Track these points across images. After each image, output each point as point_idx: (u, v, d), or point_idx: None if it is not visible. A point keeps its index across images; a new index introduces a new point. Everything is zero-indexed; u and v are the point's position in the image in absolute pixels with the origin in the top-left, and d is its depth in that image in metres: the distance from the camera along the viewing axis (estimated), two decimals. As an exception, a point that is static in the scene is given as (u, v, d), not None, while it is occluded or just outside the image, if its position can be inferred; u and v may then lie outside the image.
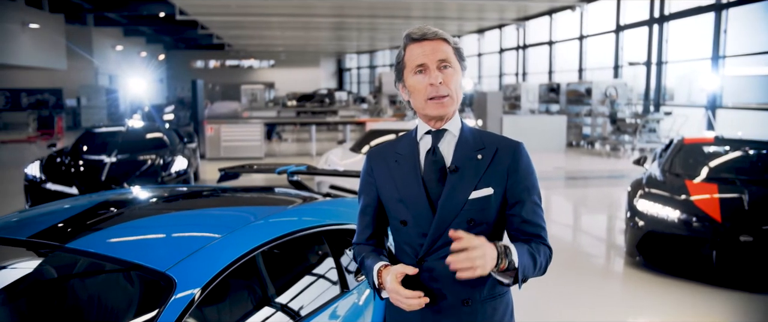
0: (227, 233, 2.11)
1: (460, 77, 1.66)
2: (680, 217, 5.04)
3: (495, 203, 1.65)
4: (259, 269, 2.23)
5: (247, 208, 2.68)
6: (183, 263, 1.85)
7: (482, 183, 1.63)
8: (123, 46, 31.49)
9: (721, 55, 12.83)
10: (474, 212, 1.62)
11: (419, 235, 1.65)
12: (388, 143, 1.78)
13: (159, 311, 1.68)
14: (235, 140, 13.58)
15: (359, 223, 1.81)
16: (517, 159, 1.67)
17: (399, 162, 1.70)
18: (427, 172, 1.66)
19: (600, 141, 15.06)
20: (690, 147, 6.23)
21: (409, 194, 1.66)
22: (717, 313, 4.53)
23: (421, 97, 1.63)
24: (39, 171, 7.19)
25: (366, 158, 1.79)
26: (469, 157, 1.65)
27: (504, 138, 1.71)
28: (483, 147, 1.67)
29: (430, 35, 1.63)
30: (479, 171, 1.64)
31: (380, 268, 1.65)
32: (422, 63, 1.62)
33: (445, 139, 1.68)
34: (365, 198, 1.78)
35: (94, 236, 2.09)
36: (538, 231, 1.67)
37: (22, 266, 2.10)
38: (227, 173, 4.24)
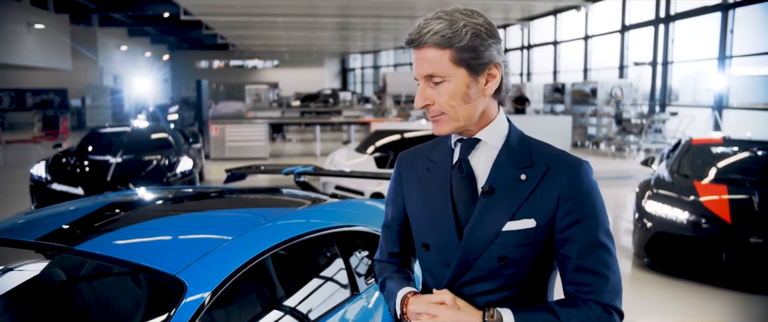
0: (237, 235, 2.09)
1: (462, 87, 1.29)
2: (689, 218, 5.00)
3: (539, 240, 1.29)
4: (268, 272, 2.21)
5: (257, 210, 2.65)
6: (193, 266, 1.83)
7: (523, 212, 1.28)
8: (127, 47, 31.56)
9: (727, 55, 12.77)
10: (508, 248, 1.28)
11: (442, 263, 1.35)
12: (423, 146, 1.48)
13: (169, 315, 1.66)
14: (240, 140, 13.59)
15: (383, 238, 1.55)
16: (577, 183, 1.29)
17: (430, 171, 1.40)
18: (456, 189, 1.34)
19: (605, 141, 15.01)
20: (698, 148, 6.19)
21: (434, 212, 1.36)
22: (726, 315, 4.50)
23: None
24: (44, 171, 7.19)
25: (396, 163, 1.51)
26: (510, 177, 1.31)
27: (562, 153, 1.34)
28: (530, 164, 1.31)
29: (416, 42, 1.29)
30: (520, 196, 1.29)
31: (407, 294, 1.37)
32: (416, 77, 1.33)
33: (481, 150, 1.35)
34: (391, 209, 1.51)
35: (102, 239, 2.07)
36: (593, 282, 1.27)
37: (31, 268, 2.08)
38: (234, 174, 4.23)
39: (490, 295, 1.31)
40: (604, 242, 1.29)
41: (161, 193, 2.98)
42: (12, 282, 2.03)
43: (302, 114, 21.24)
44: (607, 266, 1.29)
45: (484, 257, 1.29)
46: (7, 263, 2.09)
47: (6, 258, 2.10)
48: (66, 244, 2.01)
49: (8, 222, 2.37)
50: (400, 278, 1.46)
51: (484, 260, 1.30)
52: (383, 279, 1.49)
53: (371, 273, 2.57)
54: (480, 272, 1.31)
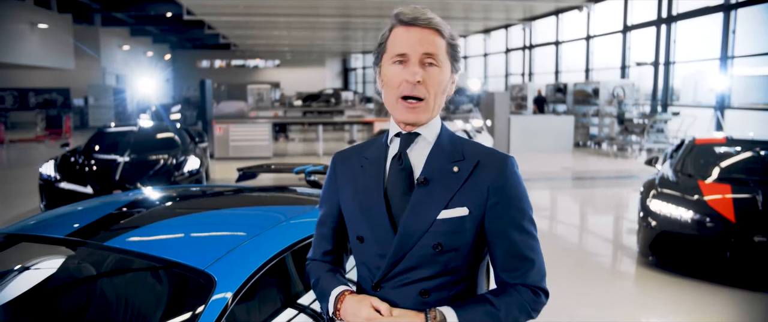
0: (260, 232, 2.15)
1: (446, 79, 1.37)
2: (694, 217, 5.06)
3: (471, 227, 1.35)
4: (287, 269, 2.27)
5: (276, 207, 2.72)
6: (221, 261, 1.89)
7: (456, 201, 1.34)
8: (129, 46, 31.63)
9: (729, 55, 12.82)
10: (443, 236, 1.33)
11: (377, 255, 1.38)
12: (358, 146, 1.54)
13: (201, 309, 1.72)
14: (244, 140, 13.66)
15: (316, 237, 1.55)
16: (504, 176, 1.36)
17: (364, 167, 1.45)
18: (392, 181, 1.39)
19: (607, 141, 15.07)
20: (701, 147, 6.25)
21: (368, 206, 1.40)
22: (731, 313, 4.55)
23: (394, 93, 1.36)
24: (53, 170, 7.25)
25: (331, 162, 1.55)
26: (444, 169, 1.37)
27: (490, 150, 1.42)
28: (462, 158, 1.38)
29: (422, 21, 1.33)
30: (453, 186, 1.35)
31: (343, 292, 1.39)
32: (404, 53, 1.33)
33: (418, 144, 1.41)
34: (325, 207, 1.53)
35: (130, 235, 2.14)
36: (524, 267, 1.37)
37: (60, 263, 2.14)
38: (245, 173, 4.29)
39: (424, 282, 1.35)
40: (529, 229, 1.38)
41: (179, 191, 3.03)
42: (44, 277, 2.09)
43: (304, 114, 21.30)
44: (534, 250, 1.38)
45: (420, 245, 1.34)
46: (39, 259, 2.15)
47: (35, 254, 2.16)
48: (95, 240, 2.07)
49: (35, 219, 2.43)
50: (332, 276, 1.47)
51: (420, 247, 1.34)
52: (316, 278, 1.49)
53: None
54: (416, 259, 1.35)
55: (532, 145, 14.47)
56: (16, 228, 2.34)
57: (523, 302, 1.36)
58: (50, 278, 2.11)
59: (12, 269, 2.17)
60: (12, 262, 2.21)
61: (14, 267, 2.17)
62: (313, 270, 1.52)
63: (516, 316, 1.35)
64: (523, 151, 14.39)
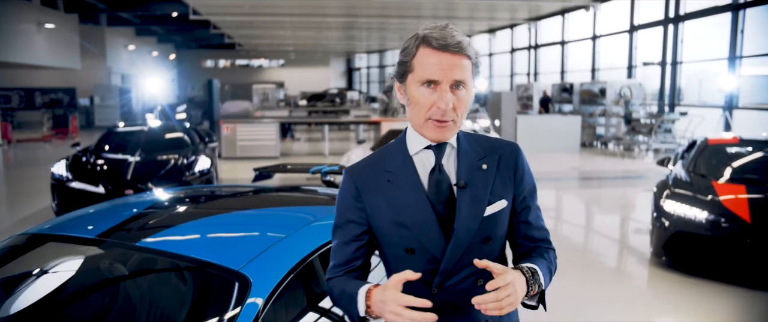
0: (291, 233, 2.15)
1: (471, 96, 1.45)
2: (708, 217, 5.05)
3: (507, 214, 1.50)
4: (315, 270, 2.28)
5: (302, 208, 2.72)
6: (255, 262, 1.90)
7: (494, 196, 1.46)
8: (135, 46, 31.68)
9: (737, 55, 12.79)
10: (490, 229, 1.45)
11: (427, 261, 1.44)
12: (371, 159, 1.54)
13: (238, 310, 1.73)
14: (251, 140, 13.68)
15: (339, 256, 1.52)
16: (521, 163, 1.53)
17: (392, 182, 1.46)
18: (432, 191, 1.44)
19: (614, 141, 15.04)
20: (714, 148, 6.23)
21: (415, 219, 1.43)
22: (746, 314, 4.55)
23: (422, 113, 1.41)
24: (65, 170, 7.27)
25: (346, 179, 1.53)
26: (475, 170, 1.46)
27: (500, 141, 1.55)
28: (484, 155, 1.49)
29: (454, 47, 1.37)
30: (488, 183, 1.46)
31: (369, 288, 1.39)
32: (435, 80, 1.38)
33: (446, 152, 1.48)
34: (351, 228, 1.50)
35: (160, 235, 2.14)
36: (544, 235, 1.57)
37: (93, 263, 2.15)
38: (262, 173, 4.29)
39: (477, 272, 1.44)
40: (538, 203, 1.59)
41: (201, 192, 3.04)
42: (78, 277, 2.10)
43: (310, 113, 21.32)
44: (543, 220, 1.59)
45: (473, 243, 1.44)
46: (70, 259, 2.16)
47: (68, 254, 2.17)
48: (126, 241, 2.07)
49: (62, 219, 2.44)
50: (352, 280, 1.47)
51: (473, 245, 1.44)
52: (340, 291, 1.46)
53: None
54: (469, 256, 1.43)
55: (538, 145, 14.45)
56: (44, 228, 2.35)
57: (552, 259, 1.56)
58: (82, 278, 2.12)
59: (42, 269, 2.19)
60: (41, 262, 2.22)
61: (44, 267, 2.19)
62: (336, 285, 1.49)
63: (554, 267, 1.55)
64: (530, 151, 14.31)
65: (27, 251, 2.25)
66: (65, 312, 2.04)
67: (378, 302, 1.35)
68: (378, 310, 1.36)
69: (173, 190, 3.16)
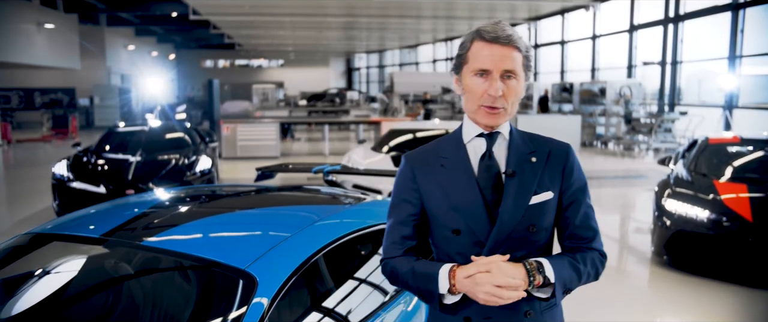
0: (296, 232, 2.15)
1: (522, 87, 1.56)
2: (710, 216, 5.05)
3: (553, 207, 1.59)
4: (320, 269, 2.28)
5: (306, 207, 2.72)
6: (261, 261, 1.90)
7: (541, 187, 1.56)
8: (134, 46, 31.66)
9: (737, 54, 12.80)
10: (534, 218, 1.55)
11: (473, 244, 1.54)
12: (428, 147, 1.66)
13: (244, 309, 1.73)
14: (252, 139, 13.68)
15: (395, 234, 1.62)
16: (571, 161, 1.61)
17: (445, 167, 1.58)
18: (482, 177, 1.56)
19: (614, 141, 15.04)
20: (715, 147, 6.23)
21: (463, 201, 1.54)
22: (747, 313, 4.55)
23: (475, 101, 1.54)
24: (66, 170, 7.26)
25: (404, 164, 1.64)
26: (525, 161, 1.57)
27: (553, 139, 1.65)
28: (535, 149, 1.59)
29: (504, 39, 1.50)
30: (536, 175, 1.56)
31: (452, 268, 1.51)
32: (487, 69, 1.51)
33: (497, 142, 1.59)
34: (406, 207, 1.61)
35: (164, 234, 2.14)
36: (590, 235, 1.62)
37: (98, 262, 2.15)
38: (264, 173, 4.29)
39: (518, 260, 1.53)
40: (591, 204, 1.65)
41: (205, 191, 3.04)
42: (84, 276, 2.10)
43: (310, 113, 21.31)
44: (596, 222, 1.65)
45: (517, 229, 1.53)
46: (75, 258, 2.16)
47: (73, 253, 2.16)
48: (132, 240, 2.07)
49: (65, 219, 2.44)
50: (430, 262, 1.58)
51: (516, 231, 1.53)
52: (410, 269, 1.56)
53: None
54: (513, 242, 1.53)
55: (573, 146, 14.41)
56: (47, 228, 2.35)
57: (595, 261, 1.61)
58: (86, 277, 2.12)
59: (47, 268, 2.18)
60: (46, 261, 2.22)
61: (49, 267, 2.18)
62: (400, 263, 1.59)
63: (589, 271, 1.59)
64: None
65: (30, 250, 2.25)
66: (69, 312, 2.04)
67: (463, 280, 1.47)
68: (465, 288, 1.47)
69: (175, 190, 3.16)
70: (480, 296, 1.45)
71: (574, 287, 1.57)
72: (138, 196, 2.90)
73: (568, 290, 1.56)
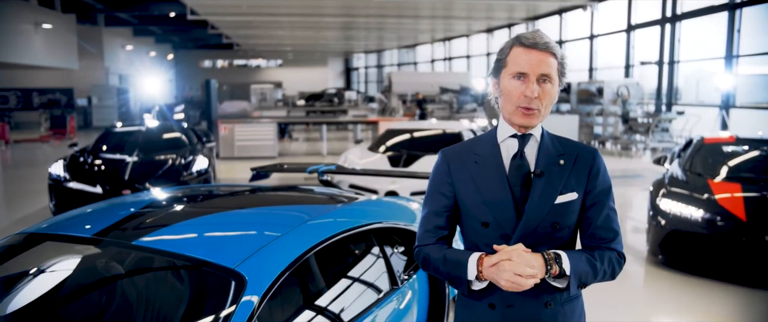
0: (287, 232, 2.16)
1: (556, 92, 1.67)
2: (704, 216, 5.07)
3: (577, 207, 1.68)
4: (311, 268, 2.29)
5: (298, 207, 2.73)
6: (250, 260, 1.91)
7: (566, 188, 1.66)
8: (132, 46, 31.65)
9: (734, 54, 12.82)
10: (558, 216, 1.65)
11: (499, 237, 1.66)
12: (465, 144, 1.78)
13: (233, 308, 1.74)
14: (249, 140, 13.68)
15: (429, 223, 1.74)
16: (597, 165, 1.71)
17: (479, 163, 1.70)
18: (512, 175, 1.67)
19: (611, 141, 15.07)
20: (710, 146, 6.25)
21: (493, 196, 1.66)
22: (741, 312, 4.56)
23: (513, 102, 1.64)
24: (63, 170, 7.27)
25: (441, 158, 1.77)
26: (553, 162, 1.67)
27: (581, 144, 1.75)
28: (564, 152, 1.69)
29: (541, 46, 1.62)
30: (563, 176, 1.66)
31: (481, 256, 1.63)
32: (525, 72, 1.62)
33: (529, 143, 1.69)
34: (441, 199, 1.73)
35: (156, 234, 2.15)
36: (611, 236, 1.70)
37: (89, 262, 2.16)
38: (259, 173, 4.30)
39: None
40: (614, 207, 1.73)
41: (199, 191, 3.05)
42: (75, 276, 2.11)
43: (308, 113, 21.31)
44: (617, 224, 1.72)
45: (541, 225, 1.64)
46: (67, 258, 2.17)
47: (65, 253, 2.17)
48: (123, 239, 2.08)
49: (59, 219, 2.45)
50: (461, 250, 1.69)
51: (541, 227, 1.64)
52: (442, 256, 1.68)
53: (411, 265, 2.64)
54: (537, 238, 1.64)
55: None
56: (41, 228, 2.36)
57: (612, 260, 1.69)
58: (78, 276, 2.13)
59: (39, 268, 2.19)
60: (38, 261, 2.23)
61: (41, 266, 2.19)
62: (433, 250, 1.71)
63: (606, 269, 1.68)
64: (527, 151, 14.35)
65: (24, 250, 2.26)
66: (62, 311, 2.04)
67: (489, 268, 1.57)
68: (490, 275, 1.58)
69: (170, 189, 3.17)
70: (502, 283, 1.55)
71: (590, 282, 1.66)
72: (132, 196, 2.91)
73: (583, 284, 1.65)
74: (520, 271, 1.53)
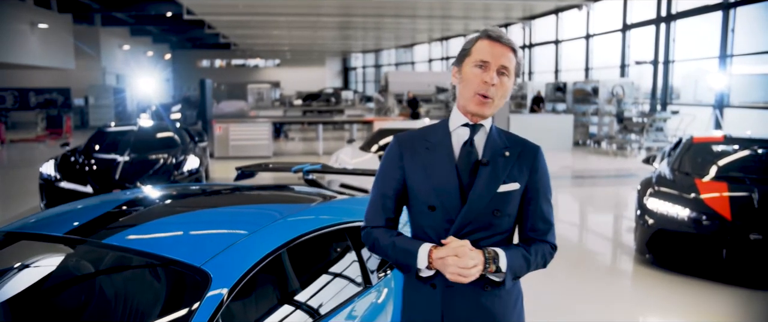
0: (255, 230, 2.17)
1: (511, 87, 1.78)
2: (690, 215, 5.08)
3: (517, 198, 1.79)
4: (284, 266, 2.30)
5: (271, 205, 2.74)
6: (217, 259, 1.92)
7: (509, 178, 1.76)
8: (130, 46, 31.66)
9: (728, 54, 12.84)
10: (500, 204, 1.75)
11: (445, 220, 1.74)
12: (417, 131, 1.85)
13: (196, 305, 1.75)
14: (244, 139, 13.69)
15: (376, 206, 1.84)
16: (539, 160, 1.82)
17: (430, 149, 1.78)
18: (460, 161, 1.76)
19: (607, 140, 15.08)
20: (699, 146, 6.26)
21: (441, 182, 1.74)
22: (727, 311, 4.58)
23: (471, 89, 1.74)
24: (54, 170, 7.27)
25: (394, 143, 1.84)
26: (499, 153, 1.77)
27: (525, 140, 1.85)
28: (509, 145, 1.80)
29: (505, 40, 1.75)
30: (507, 167, 1.76)
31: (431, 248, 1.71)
32: (487, 61, 1.72)
33: (479, 133, 1.79)
34: (390, 182, 1.82)
35: (126, 233, 2.16)
36: (547, 228, 1.83)
37: (60, 261, 2.17)
38: (244, 172, 4.30)
39: (484, 240, 1.74)
40: (551, 201, 1.85)
41: (177, 190, 3.06)
42: (42, 275, 2.11)
43: (304, 113, 21.32)
44: (552, 217, 1.85)
45: (484, 211, 1.73)
46: (37, 257, 2.18)
47: (35, 252, 2.18)
48: (93, 238, 2.09)
49: (34, 218, 2.46)
50: (410, 239, 1.79)
51: (483, 213, 1.73)
52: (390, 241, 1.78)
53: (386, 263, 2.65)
54: (478, 223, 1.74)
55: (541, 149, 14.44)
56: (15, 226, 2.36)
57: (544, 254, 1.81)
58: (49, 276, 2.14)
59: (11, 267, 2.20)
60: (11, 260, 2.24)
61: (13, 265, 2.20)
62: (382, 235, 1.80)
63: (538, 262, 1.80)
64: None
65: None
66: (27, 310, 2.05)
67: (438, 260, 1.67)
68: (440, 267, 1.68)
69: (150, 188, 3.18)
70: (448, 275, 1.66)
71: (523, 274, 1.77)
72: (110, 194, 2.92)
73: (518, 276, 1.77)
74: (464, 265, 1.63)
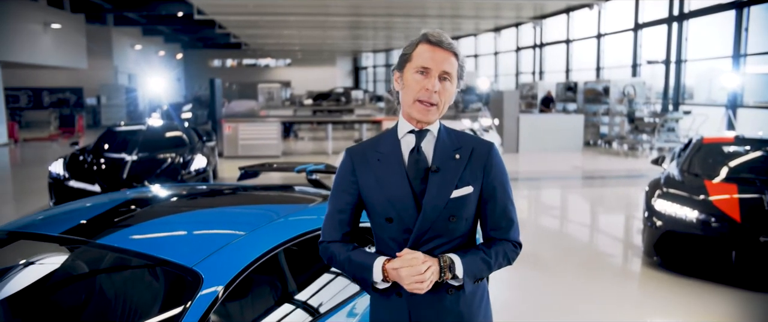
0: (250, 231, 2.16)
1: (454, 91, 1.75)
2: (699, 217, 5.01)
3: (474, 200, 1.75)
4: (280, 266, 2.29)
5: (269, 206, 2.73)
6: (209, 260, 1.91)
7: (462, 182, 1.72)
8: (141, 46, 31.87)
9: (742, 53, 12.66)
10: (455, 209, 1.72)
11: (402, 231, 1.72)
12: (368, 142, 1.83)
13: (187, 305, 1.74)
14: (253, 139, 13.73)
15: (332, 221, 1.81)
16: (492, 158, 1.77)
17: (381, 161, 1.75)
18: (410, 170, 1.73)
19: (617, 140, 14.95)
20: (709, 147, 6.18)
21: (395, 193, 1.71)
22: (736, 314, 4.51)
23: (412, 95, 1.70)
24: (62, 169, 7.34)
25: (346, 157, 1.81)
26: (449, 157, 1.73)
27: (477, 138, 1.81)
28: (459, 147, 1.76)
29: (445, 45, 1.70)
30: (458, 171, 1.73)
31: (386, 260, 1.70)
32: (428, 67, 1.69)
33: (426, 139, 1.75)
34: (344, 196, 1.79)
35: (122, 233, 2.16)
36: (508, 225, 1.79)
37: (55, 261, 2.17)
38: (247, 172, 4.31)
39: (444, 246, 1.73)
40: (511, 197, 1.81)
41: (176, 190, 3.06)
42: (37, 274, 2.12)
43: (314, 113, 21.34)
44: (514, 214, 1.81)
45: (440, 219, 1.70)
46: (32, 256, 2.18)
47: (31, 251, 2.19)
48: (88, 238, 2.09)
49: (31, 218, 2.47)
50: (364, 252, 1.76)
51: (440, 220, 1.71)
52: (346, 256, 1.75)
53: None
54: (436, 230, 1.71)
55: (541, 145, 14.38)
56: (15, 226, 2.37)
57: (507, 252, 1.78)
58: (44, 275, 2.14)
59: (9, 266, 2.21)
60: (9, 259, 2.25)
61: (7, 265, 2.21)
62: (338, 250, 1.77)
63: (501, 262, 1.76)
64: (532, 151, 14.29)
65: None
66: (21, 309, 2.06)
67: (392, 271, 1.66)
68: (395, 279, 1.66)
69: (150, 188, 3.18)
70: (405, 286, 1.65)
71: (484, 275, 1.75)
72: (110, 194, 2.93)
73: (479, 279, 1.74)
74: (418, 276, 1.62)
